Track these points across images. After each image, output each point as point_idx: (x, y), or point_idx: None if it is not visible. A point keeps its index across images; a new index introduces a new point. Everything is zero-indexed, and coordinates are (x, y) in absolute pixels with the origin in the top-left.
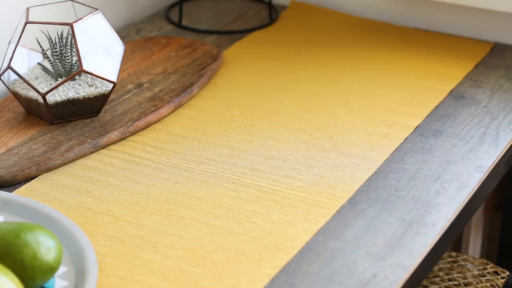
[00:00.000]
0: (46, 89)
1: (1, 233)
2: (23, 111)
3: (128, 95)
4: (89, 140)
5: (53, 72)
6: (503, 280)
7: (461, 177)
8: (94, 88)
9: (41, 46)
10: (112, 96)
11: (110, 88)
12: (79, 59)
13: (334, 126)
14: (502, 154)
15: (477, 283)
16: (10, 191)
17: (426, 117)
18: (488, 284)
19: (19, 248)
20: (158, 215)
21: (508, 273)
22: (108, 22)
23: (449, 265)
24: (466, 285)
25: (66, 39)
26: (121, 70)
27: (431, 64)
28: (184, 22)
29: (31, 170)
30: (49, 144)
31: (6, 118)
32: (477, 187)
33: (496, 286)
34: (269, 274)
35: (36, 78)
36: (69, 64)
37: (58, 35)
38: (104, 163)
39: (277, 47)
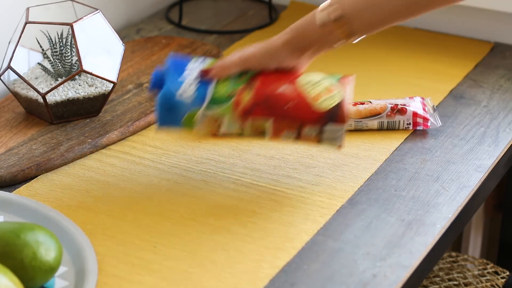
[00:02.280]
0: (46, 89)
1: (1, 233)
2: (23, 111)
3: (128, 95)
4: (89, 140)
5: (53, 72)
6: (503, 280)
7: (461, 177)
8: (94, 88)
9: (41, 46)
10: (112, 96)
11: (110, 88)
12: (79, 59)
13: None
14: (502, 154)
15: (477, 283)
16: (10, 191)
17: None
18: (488, 284)
19: (19, 248)
20: (158, 215)
21: (508, 273)
22: (108, 22)
23: (449, 265)
24: (466, 285)
25: (66, 39)
26: (121, 70)
27: (431, 64)
28: (184, 22)
29: (31, 170)
30: (49, 144)
31: (6, 118)
32: (477, 187)
33: (496, 286)
34: (269, 274)
35: (36, 78)
36: (69, 64)
37: (58, 35)
38: (104, 163)
39: None
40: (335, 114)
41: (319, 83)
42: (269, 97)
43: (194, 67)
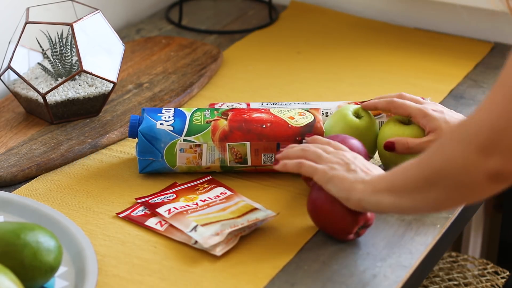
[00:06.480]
0: (46, 89)
1: (1, 233)
2: (23, 111)
3: (128, 95)
4: (89, 140)
5: (53, 72)
6: (503, 280)
7: None
8: (94, 88)
9: (41, 46)
10: (112, 96)
11: (110, 88)
12: (79, 59)
13: None
14: None
15: (477, 283)
16: (10, 191)
17: None
18: (488, 284)
19: (19, 248)
20: None
21: (508, 273)
22: (108, 22)
23: (449, 265)
24: (466, 285)
25: (66, 39)
26: (121, 70)
27: (431, 64)
28: (184, 22)
29: (31, 170)
30: (49, 144)
31: (6, 118)
32: None
33: (496, 286)
34: (269, 274)
35: (36, 78)
36: (69, 64)
37: (58, 35)
38: (104, 163)
39: (277, 47)
40: (311, 128)
41: (292, 109)
42: (246, 120)
43: (169, 109)
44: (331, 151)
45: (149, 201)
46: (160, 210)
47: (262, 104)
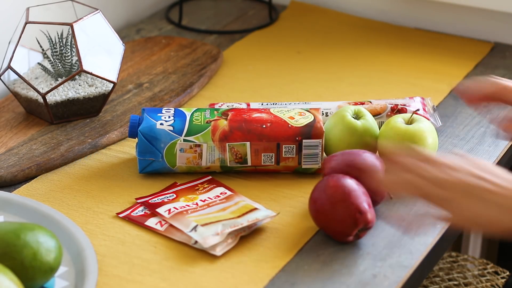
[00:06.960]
0: (46, 89)
1: (1, 233)
2: (23, 111)
3: (128, 95)
4: (89, 140)
5: (53, 72)
6: (503, 280)
7: None
8: (94, 88)
9: (41, 46)
10: (112, 96)
11: (110, 88)
12: (79, 59)
13: None
14: (502, 154)
15: (477, 283)
16: (10, 191)
17: None
18: (488, 284)
19: (19, 249)
20: None
21: (508, 273)
22: (108, 22)
23: (449, 265)
24: (466, 285)
25: (66, 39)
26: (121, 70)
27: (431, 64)
28: (184, 22)
29: (31, 170)
30: (49, 144)
31: (6, 118)
32: None
33: (496, 286)
34: (269, 274)
35: (36, 78)
36: (69, 64)
37: (58, 35)
38: (104, 163)
39: (277, 47)
40: (312, 128)
41: (292, 109)
42: (246, 120)
43: (169, 109)
44: (444, 179)
45: (149, 201)
46: (160, 210)
47: (262, 104)
